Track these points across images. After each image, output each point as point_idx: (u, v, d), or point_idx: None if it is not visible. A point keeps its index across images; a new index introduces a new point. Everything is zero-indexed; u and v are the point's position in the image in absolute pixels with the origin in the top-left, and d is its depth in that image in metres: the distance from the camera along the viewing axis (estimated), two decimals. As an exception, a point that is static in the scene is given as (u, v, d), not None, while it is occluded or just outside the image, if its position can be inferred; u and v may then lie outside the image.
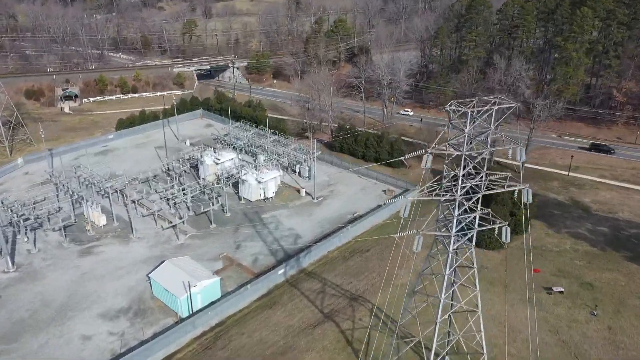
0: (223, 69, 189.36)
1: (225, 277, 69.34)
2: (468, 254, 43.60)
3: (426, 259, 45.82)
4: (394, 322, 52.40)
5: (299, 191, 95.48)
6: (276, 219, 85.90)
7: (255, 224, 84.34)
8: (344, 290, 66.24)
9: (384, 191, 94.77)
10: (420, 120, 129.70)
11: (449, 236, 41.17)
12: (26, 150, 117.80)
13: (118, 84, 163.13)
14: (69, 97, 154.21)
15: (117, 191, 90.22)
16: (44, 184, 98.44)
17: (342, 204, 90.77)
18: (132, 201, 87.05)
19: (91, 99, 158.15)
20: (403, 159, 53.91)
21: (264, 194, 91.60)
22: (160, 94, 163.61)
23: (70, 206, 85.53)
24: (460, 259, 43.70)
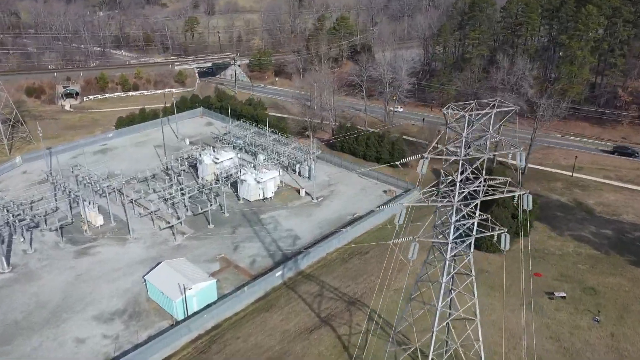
0: (225, 66, 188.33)
1: (222, 279, 68.53)
2: (466, 261, 42.35)
3: (423, 265, 44.65)
4: (392, 328, 51.31)
5: (299, 191, 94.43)
6: (275, 220, 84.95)
7: (254, 224, 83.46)
8: (341, 293, 65.21)
9: (385, 191, 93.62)
10: (423, 119, 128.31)
11: (446, 243, 39.96)
12: (25, 149, 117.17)
13: (119, 81, 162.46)
14: (70, 95, 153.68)
15: (115, 191, 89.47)
16: (41, 183, 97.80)
17: (342, 204, 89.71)
18: (130, 201, 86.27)
19: (92, 97, 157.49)
20: (399, 163, 52.61)
21: (263, 194, 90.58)
22: (161, 91, 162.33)
23: (68, 206, 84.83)
24: (458, 267, 42.50)
